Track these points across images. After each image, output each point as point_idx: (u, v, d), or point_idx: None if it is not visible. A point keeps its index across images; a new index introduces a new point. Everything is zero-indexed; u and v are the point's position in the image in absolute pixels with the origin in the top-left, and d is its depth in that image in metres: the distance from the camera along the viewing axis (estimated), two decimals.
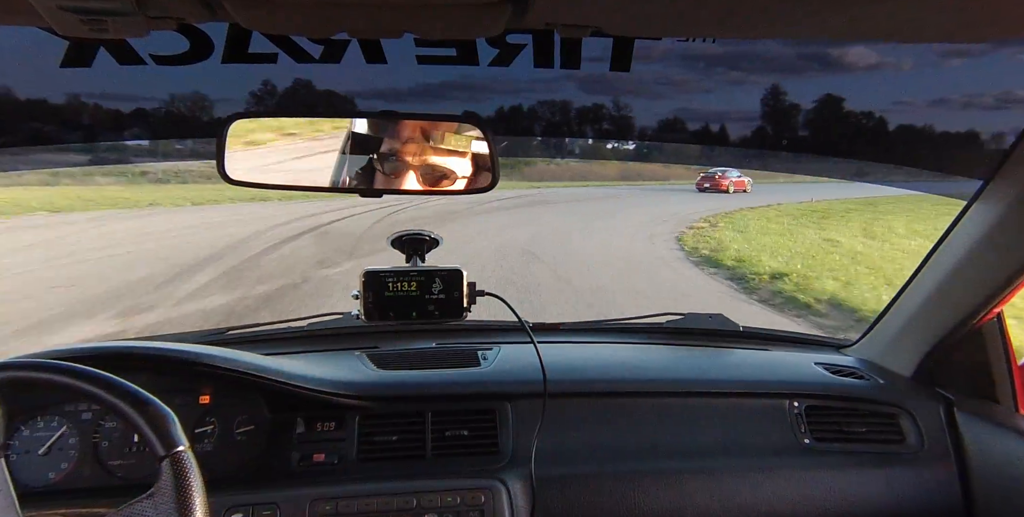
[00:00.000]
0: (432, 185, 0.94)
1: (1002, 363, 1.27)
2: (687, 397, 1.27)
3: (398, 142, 0.93)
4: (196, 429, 1.13)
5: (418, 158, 0.93)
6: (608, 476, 1.14)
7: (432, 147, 0.93)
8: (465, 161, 0.94)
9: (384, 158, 0.92)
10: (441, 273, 1.14)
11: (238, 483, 1.07)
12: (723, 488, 1.16)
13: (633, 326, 1.64)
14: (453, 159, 0.94)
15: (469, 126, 0.94)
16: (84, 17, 0.60)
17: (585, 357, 1.41)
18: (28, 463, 1.07)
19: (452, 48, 0.91)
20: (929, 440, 1.24)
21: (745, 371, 1.35)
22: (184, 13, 0.67)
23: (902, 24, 0.76)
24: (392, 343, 1.47)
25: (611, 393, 1.26)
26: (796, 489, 1.17)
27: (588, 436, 1.20)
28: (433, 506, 1.05)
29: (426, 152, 0.93)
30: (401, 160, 0.92)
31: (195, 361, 1.11)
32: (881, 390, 1.32)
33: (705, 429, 1.23)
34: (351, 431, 1.15)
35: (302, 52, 0.90)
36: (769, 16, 0.73)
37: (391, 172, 0.92)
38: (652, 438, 1.21)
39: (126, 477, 1.08)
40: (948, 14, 0.72)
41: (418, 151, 0.93)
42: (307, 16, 0.68)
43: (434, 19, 0.70)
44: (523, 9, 0.67)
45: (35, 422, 1.10)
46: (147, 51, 0.87)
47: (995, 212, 1.12)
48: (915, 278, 1.34)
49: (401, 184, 0.93)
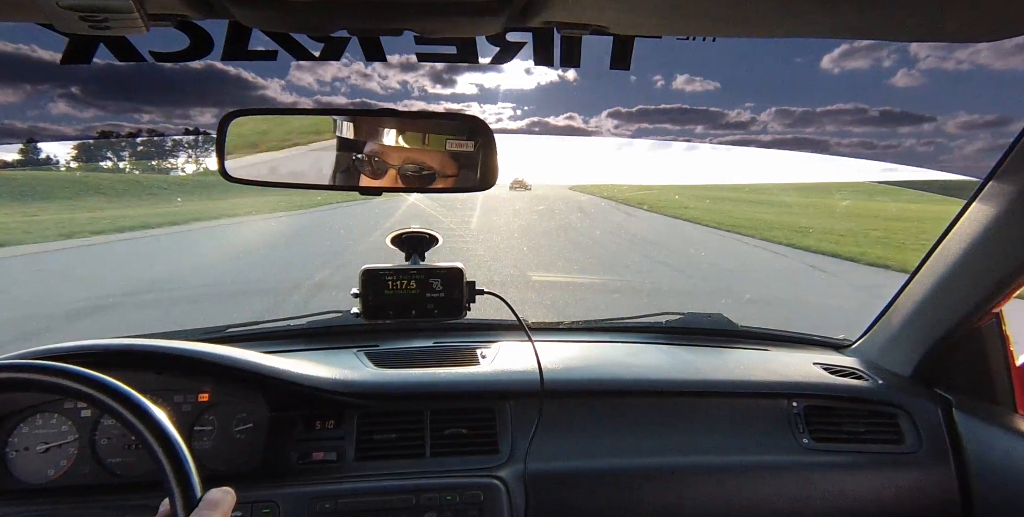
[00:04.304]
0: (413, 184, 0.94)
1: (1001, 363, 1.27)
2: (685, 397, 1.27)
3: (380, 143, 0.92)
4: (195, 427, 1.13)
5: (399, 158, 0.93)
6: (606, 475, 1.14)
7: (411, 148, 0.93)
8: (449, 160, 0.94)
9: (366, 159, 0.92)
10: (441, 272, 1.14)
11: (237, 481, 1.07)
12: (722, 488, 1.16)
13: (632, 325, 1.64)
14: (436, 158, 0.93)
15: (457, 126, 0.93)
16: (84, 14, 0.60)
17: (584, 356, 1.41)
18: (27, 461, 1.07)
19: (452, 46, 0.91)
20: (928, 440, 1.24)
21: (744, 371, 1.35)
22: (184, 10, 0.67)
23: (903, 24, 0.76)
24: (391, 341, 1.47)
25: (609, 392, 1.26)
26: (794, 489, 1.17)
27: (586, 435, 1.20)
28: (432, 504, 1.05)
29: (407, 152, 0.93)
30: (383, 161, 0.92)
31: (195, 359, 1.11)
32: (880, 390, 1.32)
33: (703, 429, 1.23)
34: (350, 429, 1.15)
35: (302, 49, 0.90)
36: (769, 15, 0.73)
37: (371, 174, 0.92)
38: (650, 437, 1.21)
39: (125, 475, 1.08)
40: (949, 14, 0.72)
41: (399, 151, 0.93)
42: (307, 13, 0.68)
43: (434, 16, 0.70)
44: (523, 7, 0.67)
45: (34, 420, 1.10)
46: (147, 48, 0.87)
47: (994, 211, 1.12)
48: (914, 278, 1.34)
49: (383, 184, 0.93)
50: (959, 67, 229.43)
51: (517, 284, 5.50)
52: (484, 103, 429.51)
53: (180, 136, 46.08)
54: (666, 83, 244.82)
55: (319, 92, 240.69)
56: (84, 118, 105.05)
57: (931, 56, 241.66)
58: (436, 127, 0.93)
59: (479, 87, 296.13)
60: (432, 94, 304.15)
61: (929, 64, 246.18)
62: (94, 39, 0.86)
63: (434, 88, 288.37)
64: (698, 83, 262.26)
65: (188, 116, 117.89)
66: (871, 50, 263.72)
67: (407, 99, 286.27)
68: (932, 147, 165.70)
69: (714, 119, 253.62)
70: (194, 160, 31.13)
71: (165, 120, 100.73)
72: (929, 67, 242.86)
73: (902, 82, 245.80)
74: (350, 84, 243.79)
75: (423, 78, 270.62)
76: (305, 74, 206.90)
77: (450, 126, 0.93)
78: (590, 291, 5.62)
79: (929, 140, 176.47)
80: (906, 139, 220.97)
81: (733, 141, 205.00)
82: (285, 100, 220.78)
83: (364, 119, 0.92)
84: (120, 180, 22.17)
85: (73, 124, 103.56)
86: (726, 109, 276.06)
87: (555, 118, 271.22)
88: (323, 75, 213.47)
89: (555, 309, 4.56)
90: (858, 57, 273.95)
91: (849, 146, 63.85)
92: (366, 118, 0.92)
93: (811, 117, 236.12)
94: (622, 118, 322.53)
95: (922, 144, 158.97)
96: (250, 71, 47.05)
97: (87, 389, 0.67)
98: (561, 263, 7.52)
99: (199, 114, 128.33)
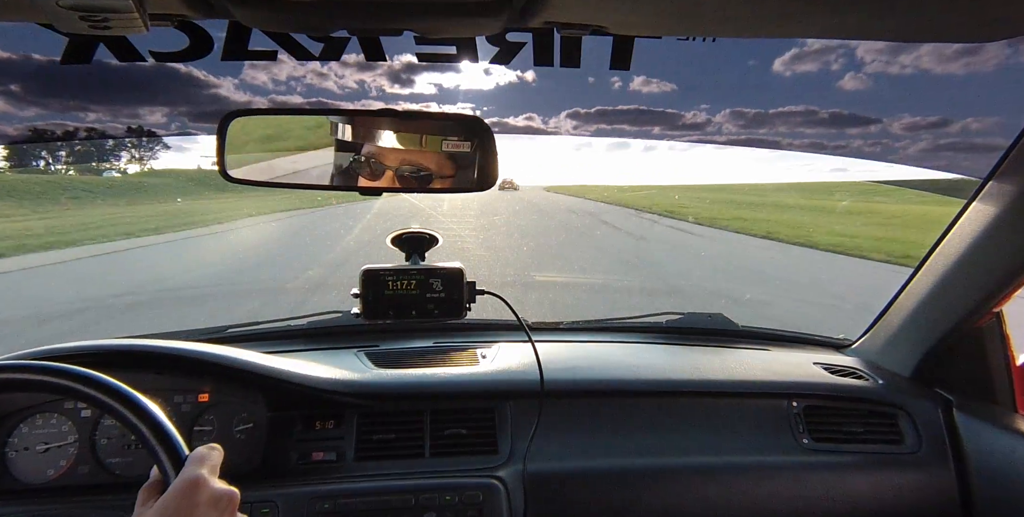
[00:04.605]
0: (410, 184, 0.94)
1: (1001, 363, 1.27)
2: (685, 397, 1.27)
3: (377, 144, 0.92)
4: (195, 427, 1.13)
5: (396, 160, 0.93)
6: (606, 475, 1.14)
7: (407, 149, 0.93)
8: (446, 161, 0.93)
9: (364, 160, 0.92)
10: (441, 272, 1.14)
11: (237, 481, 1.07)
12: (721, 488, 1.15)
13: (632, 325, 1.64)
14: (433, 159, 0.93)
15: (454, 127, 0.93)
16: (84, 14, 0.60)
17: (584, 356, 1.41)
18: (27, 461, 1.07)
19: (452, 46, 0.91)
20: (928, 440, 1.24)
21: (744, 371, 1.34)
22: (184, 10, 0.67)
23: (904, 24, 0.76)
24: (391, 341, 1.47)
25: (609, 392, 1.26)
26: (794, 489, 1.17)
27: (586, 435, 1.20)
28: (431, 504, 1.05)
29: (404, 154, 0.93)
30: (380, 162, 0.92)
31: (194, 359, 1.11)
32: (880, 390, 1.32)
33: (703, 429, 1.23)
34: (350, 429, 1.15)
35: (302, 49, 0.90)
36: (769, 16, 0.73)
37: (369, 175, 0.92)
38: (650, 438, 1.21)
39: (124, 474, 1.08)
40: (950, 14, 0.72)
41: (395, 153, 0.92)
42: (307, 13, 0.68)
43: (434, 16, 0.70)
44: (523, 7, 0.67)
45: (34, 420, 1.10)
46: (147, 48, 0.87)
47: (994, 211, 1.12)
48: (914, 278, 1.34)
49: (381, 184, 0.93)
50: (903, 71, 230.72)
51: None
52: (443, 103, 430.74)
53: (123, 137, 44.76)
54: (623, 84, 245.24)
55: (274, 91, 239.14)
56: (25, 117, 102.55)
57: (877, 60, 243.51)
58: (435, 127, 0.93)
59: (438, 87, 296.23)
60: (391, 94, 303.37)
61: (875, 68, 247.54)
62: (94, 39, 0.86)
63: (392, 88, 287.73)
64: (655, 85, 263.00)
65: (136, 115, 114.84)
66: (820, 54, 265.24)
67: (364, 99, 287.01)
68: (879, 147, 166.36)
69: (671, 120, 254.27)
70: (138, 161, 30.33)
71: (112, 119, 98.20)
72: (875, 71, 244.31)
73: (850, 85, 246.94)
74: (306, 83, 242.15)
75: (381, 78, 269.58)
76: (260, 73, 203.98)
77: (448, 126, 0.93)
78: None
79: (876, 141, 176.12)
80: (854, 140, 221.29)
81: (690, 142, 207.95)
82: (239, 99, 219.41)
83: (362, 121, 0.92)
84: (39, 182, 20.42)
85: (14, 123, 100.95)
86: (682, 111, 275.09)
87: (514, 118, 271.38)
88: (278, 74, 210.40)
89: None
90: (808, 60, 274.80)
91: (800, 147, 64.47)
92: (364, 120, 0.92)
93: (764, 118, 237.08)
94: (581, 119, 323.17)
95: (869, 145, 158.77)
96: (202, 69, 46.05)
97: (86, 389, 0.67)
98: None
99: (148, 113, 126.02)
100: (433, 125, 0.93)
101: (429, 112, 0.95)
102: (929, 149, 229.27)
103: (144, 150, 28.68)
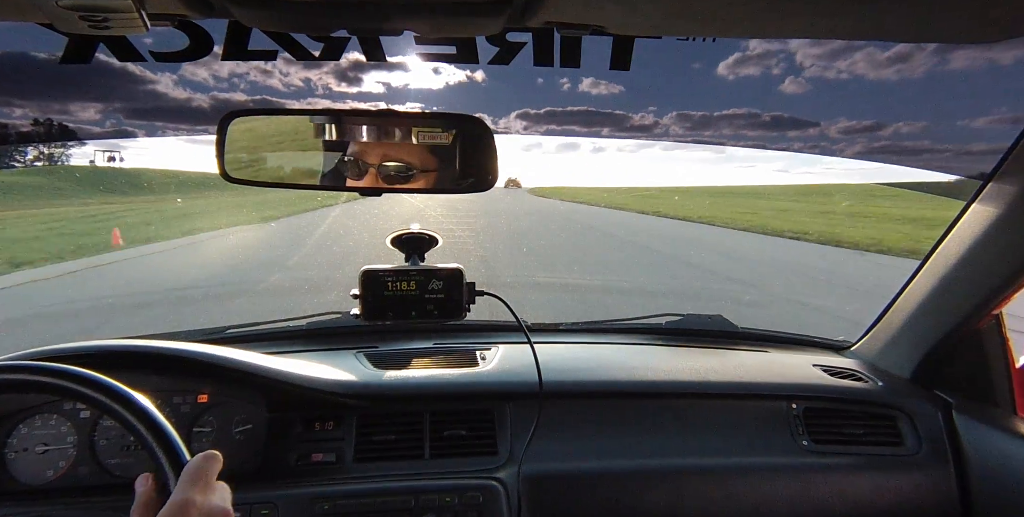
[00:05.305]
0: (395, 183, 0.93)
1: (1001, 365, 1.27)
2: (685, 398, 1.27)
3: (359, 141, 0.92)
4: (194, 428, 1.13)
5: (376, 156, 0.92)
6: (605, 476, 1.14)
7: (386, 143, 0.92)
8: (428, 155, 0.92)
9: (350, 159, 0.91)
10: (440, 273, 1.14)
11: (236, 482, 1.07)
12: (721, 489, 1.15)
13: (631, 327, 1.64)
14: (414, 153, 0.92)
15: (441, 126, 0.92)
16: (84, 14, 0.60)
17: (583, 358, 1.40)
18: (26, 462, 1.07)
19: (452, 46, 0.91)
20: (927, 442, 1.24)
21: (744, 372, 1.34)
22: (184, 10, 0.67)
23: (904, 25, 0.76)
24: (391, 342, 1.47)
25: (608, 394, 1.26)
26: (794, 491, 1.16)
27: (585, 437, 1.20)
28: (431, 506, 1.04)
29: (383, 148, 0.92)
30: (363, 160, 0.91)
31: (194, 360, 1.11)
32: (879, 392, 1.32)
33: (703, 430, 1.23)
34: (349, 431, 1.15)
35: (302, 49, 0.90)
36: (768, 16, 0.73)
37: (356, 174, 0.91)
38: (650, 439, 1.21)
39: (124, 475, 1.08)
40: (950, 15, 0.72)
41: (375, 148, 0.92)
42: (307, 13, 0.68)
43: (434, 16, 0.70)
44: (523, 8, 0.67)
45: (33, 421, 1.09)
46: (147, 48, 0.87)
47: (994, 213, 1.11)
48: (914, 279, 1.34)
49: (366, 183, 0.92)
50: (839, 76, 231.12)
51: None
52: (393, 102, 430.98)
53: (29, 128, 38.59)
54: (572, 86, 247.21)
55: (215, 88, 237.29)
56: None
57: (815, 64, 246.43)
58: (417, 122, 0.92)
59: (386, 86, 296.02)
60: (337, 92, 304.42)
61: (813, 72, 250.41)
62: (94, 39, 0.86)
63: (339, 86, 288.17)
64: (603, 86, 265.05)
65: (68, 112, 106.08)
66: (762, 58, 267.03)
67: (311, 97, 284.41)
68: (817, 150, 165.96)
69: (619, 122, 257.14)
70: (45, 157, 27.86)
71: (41, 115, 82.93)
72: (813, 75, 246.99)
73: (790, 89, 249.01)
74: (249, 80, 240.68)
75: (327, 76, 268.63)
76: (200, 69, 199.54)
77: (437, 123, 0.92)
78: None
79: (814, 144, 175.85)
80: (794, 143, 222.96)
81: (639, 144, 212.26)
82: (178, 96, 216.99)
83: (350, 121, 0.91)
84: None
85: None
86: (631, 112, 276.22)
87: None
88: (219, 71, 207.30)
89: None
90: (750, 64, 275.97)
91: (744, 148, 65.02)
92: (352, 120, 0.91)
93: (709, 121, 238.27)
94: (531, 119, 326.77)
95: (808, 148, 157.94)
96: (138, 64, 44.80)
97: (84, 389, 0.67)
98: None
99: (80, 110, 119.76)
100: (415, 120, 0.92)
101: (429, 112, 0.95)
102: (863, 151, 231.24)
103: (55, 145, 26.38)
